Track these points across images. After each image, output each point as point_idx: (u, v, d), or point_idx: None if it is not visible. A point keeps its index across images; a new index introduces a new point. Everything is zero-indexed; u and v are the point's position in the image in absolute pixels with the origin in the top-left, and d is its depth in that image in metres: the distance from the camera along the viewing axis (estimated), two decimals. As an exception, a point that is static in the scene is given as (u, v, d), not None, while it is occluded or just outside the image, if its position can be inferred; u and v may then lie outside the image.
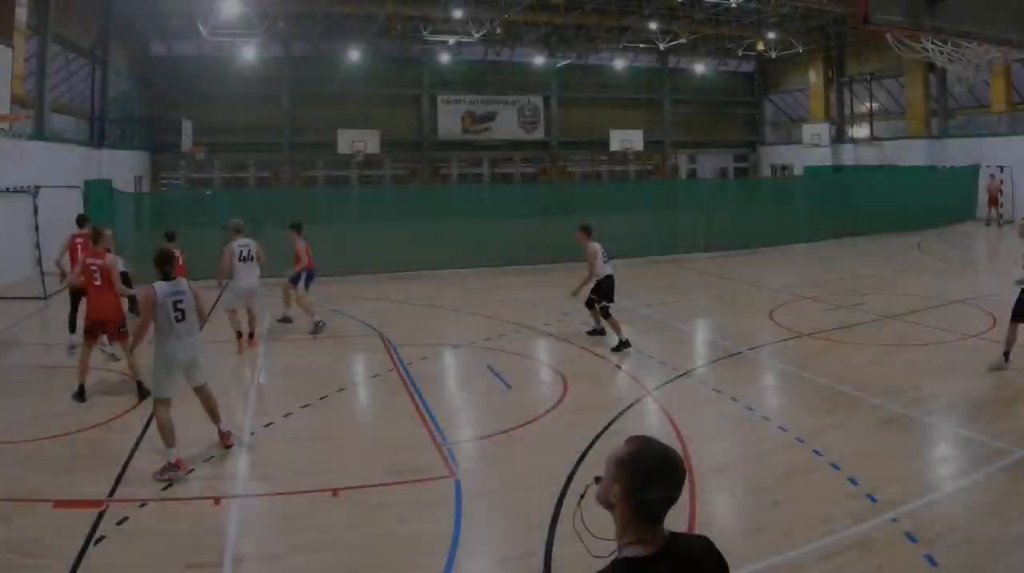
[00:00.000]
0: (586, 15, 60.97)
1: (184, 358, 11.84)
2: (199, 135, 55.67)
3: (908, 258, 33.28)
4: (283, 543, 9.46)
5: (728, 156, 79.96)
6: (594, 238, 20.50)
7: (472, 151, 71.85)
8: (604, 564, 4.32)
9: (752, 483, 10.94)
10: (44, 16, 37.01)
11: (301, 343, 19.90)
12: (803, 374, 16.23)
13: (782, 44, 65.57)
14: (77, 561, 8.92)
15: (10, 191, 27.52)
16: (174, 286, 11.86)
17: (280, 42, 64.30)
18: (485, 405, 15.01)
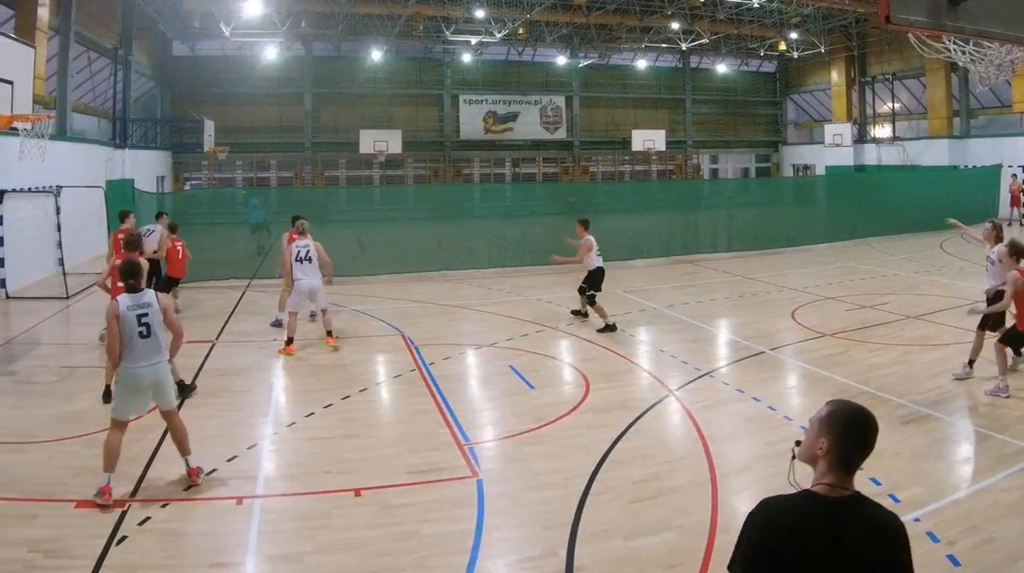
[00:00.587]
0: (608, 15, 61.04)
1: (149, 379, 11.01)
2: (221, 135, 55.89)
3: (930, 258, 33.14)
4: (305, 543, 9.47)
5: (750, 156, 79.97)
6: (591, 233, 22.41)
7: (494, 151, 72.01)
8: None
9: (774, 483, 10.83)
10: (66, 16, 37.14)
11: (323, 343, 19.88)
12: (825, 374, 16.19)
13: (804, 44, 65.36)
14: (99, 561, 8.94)
15: (32, 191, 27.62)
16: (138, 298, 11.02)
17: (302, 42, 64.56)
18: (507, 405, 14.98)
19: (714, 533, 9.45)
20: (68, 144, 35.34)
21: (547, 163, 73.52)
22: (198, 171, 65.26)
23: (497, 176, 72.61)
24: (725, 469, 11.33)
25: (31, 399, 15.09)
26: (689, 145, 76.75)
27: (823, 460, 4.76)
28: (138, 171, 45.99)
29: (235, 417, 13.93)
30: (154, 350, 11.02)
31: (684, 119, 76.72)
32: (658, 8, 59.71)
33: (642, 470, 11.36)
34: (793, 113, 79.85)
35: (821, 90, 73.49)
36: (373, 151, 64.23)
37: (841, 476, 4.69)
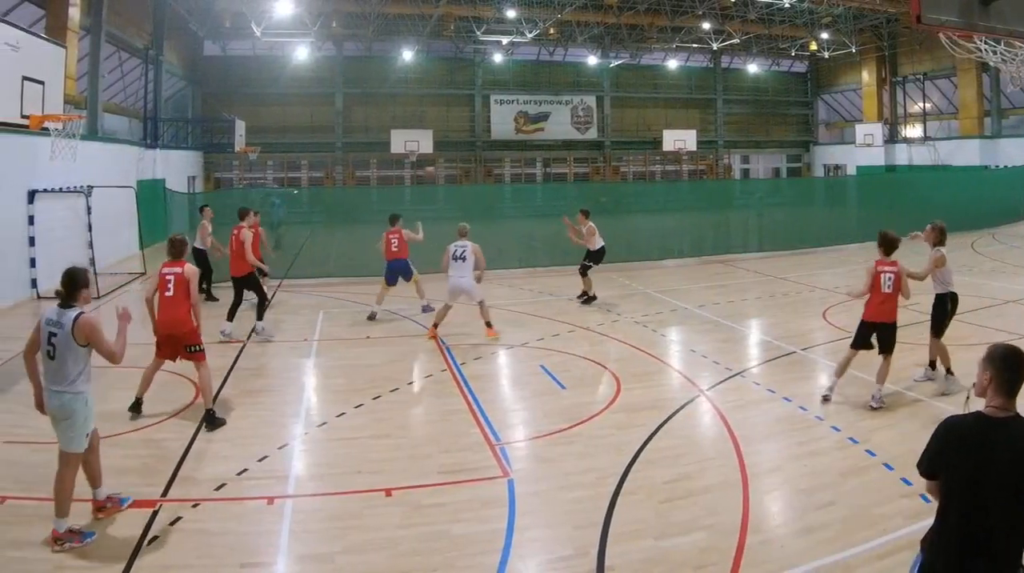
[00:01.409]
0: (639, 15, 61.15)
1: (49, 406, 9.86)
2: (252, 135, 56.03)
3: (962, 258, 32.90)
4: (336, 543, 9.49)
5: (781, 156, 79.86)
6: (591, 219, 24.95)
7: (525, 151, 72.15)
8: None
9: (805, 483, 10.90)
10: (97, 16, 37.30)
11: (355, 343, 19.95)
12: (856, 374, 16.05)
13: (835, 44, 65.14)
14: (131, 561, 9.00)
15: (63, 191, 27.72)
16: (58, 315, 9.81)
17: (333, 42, 64.91)
18: (538, 405, 14.97)
19: (745, 533, 9.44)
20: (99, 144, 35.48)
21: (578, 163, 73.62)
22: (229, 171, 65.55)
23: (528, 176, 72.69)
24: (756, 469, 11.32)
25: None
26: (720, 145, 76.72)
27: (989, 389, 5.98)
28: (169, 171, 46.20)
29: (266, 417, 13.97)
30: (54, 375, 9.80)
31: (715, 119, 76.67)
32: (689, 8, 59.75)
33: (673, 470, 11.35)
34: (824, 113, 79.65)
35: (852, 90, 73.36)
36: (404, 151, 64.30)
37: (1004, 400, 5.88)
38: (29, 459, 11.82)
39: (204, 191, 58.32)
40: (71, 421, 9.71)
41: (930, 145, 63.62)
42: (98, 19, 37.49)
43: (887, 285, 14.79)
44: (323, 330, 21.45)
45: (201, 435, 12.99)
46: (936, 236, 16.07)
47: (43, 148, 23.24)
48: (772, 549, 9.13)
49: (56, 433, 9.86)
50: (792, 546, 9.18)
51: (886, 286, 14.79)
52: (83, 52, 36.49)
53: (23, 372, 17.17)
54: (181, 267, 14.06)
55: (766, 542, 9.28)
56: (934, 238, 16.08)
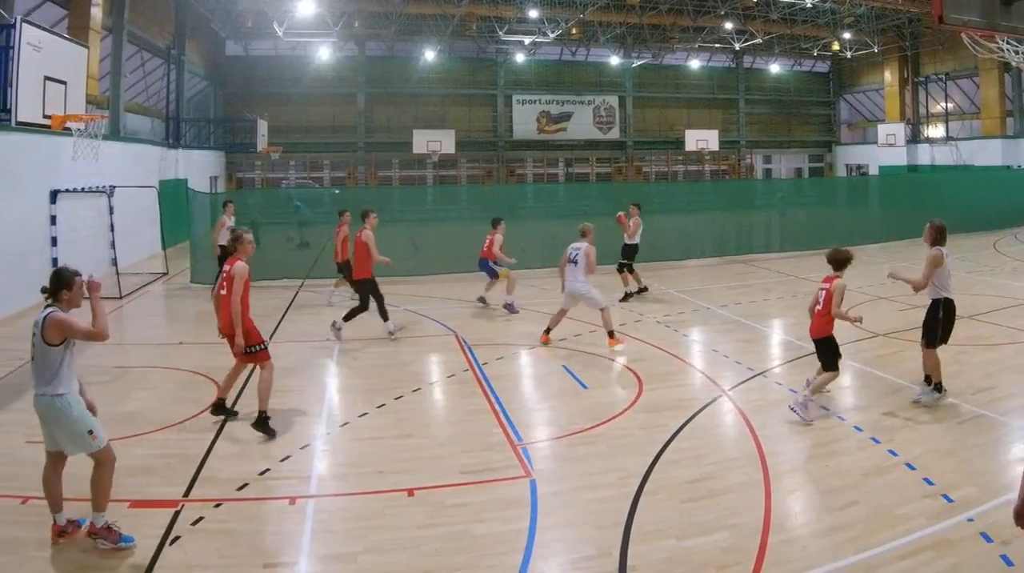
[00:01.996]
0: (661, 15, 61.09)
1: (36, 409, 9.58)
2: (274, 135, 56.25)
3: (984, 258, 32.81)
4: (358, 543, 9.50)
5: (803, 156, 79.76)
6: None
7: (547, 151, 72.26)
8: None
9: (827, 483, 10.89)
10: (119, 16, 37.47)
11: (377, 343, 19.98)
12: (878, 374, 16.11)
13: (857, 44, 65.01)
14: (153, 561, 9.03)
15: (86, 191, 27.79)
16: (40, 315, 9.58)
17: (355, 42, 65.09)
18: (560, 405, 14.97)
19: (767, 533, 9.42)
20: (121, 144, 35.59)
21: (600, 163, 73.65)
22: (251, 171, 65.81)
23: (550, 176, 72.79)
24: (778, 469, 11.30)
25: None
26: (742, 145, 76.64)
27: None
28: (191, 171, 46.34)
29: (288, 417, 13.97)
30: (33, 376, 9.57)
31: (737, 119, 76.61)
32: (711, 8, 59.73)
33: (695, 470, 11.34)
34: (846, 113, 79.50)
35: (874, 90, 73.16)
36: (426, 151, 64.40)
37: None
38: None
39: (227, 191, 58.48)
40: (60, 425, 9.46)
41: (952, 145, 63.45)
42: (120, 19, 37.64)
43: (821, 301, 14.33)
44: (346, 330, 21.46)
45: (223, 435, 13.01)
46: (934, 235, 15.08)
47: (65, 148, 23.31)
48: (794, 549, 9.12)
49: (58, 442, 9.59)
50: (814, 546, 9.17)
51: (821, 302, 14.32)
52: (105, 52, 36.62)
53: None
54: (231, 265, 13.49)
55: (788, 542, 9.28)
56: (932, 237, 15.07)
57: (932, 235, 15.10)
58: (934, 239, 15.01)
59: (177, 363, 17.77)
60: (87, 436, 9.48)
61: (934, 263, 14.55)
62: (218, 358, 14.52)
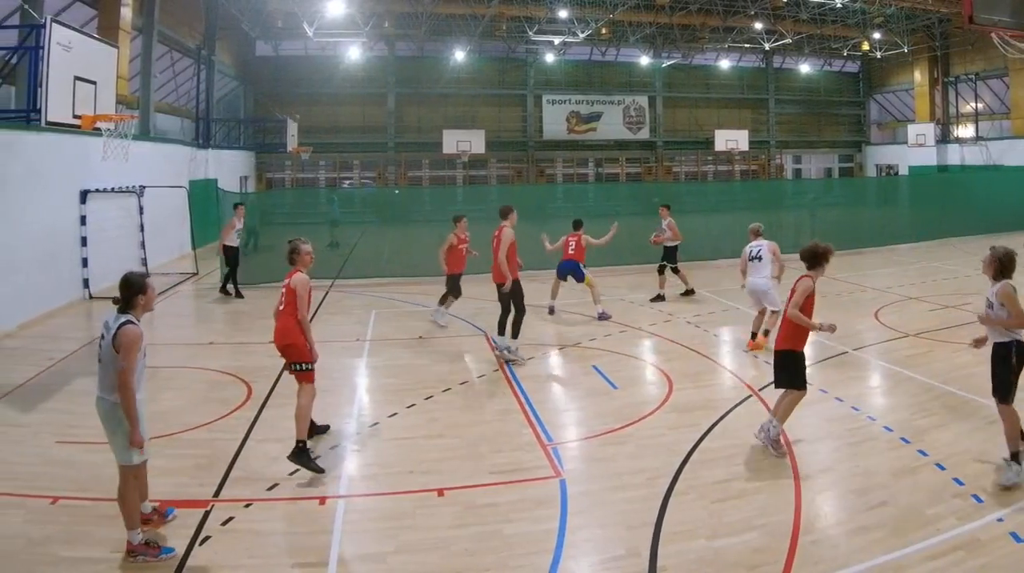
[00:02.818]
0: (691, 15, 61.03)
1: (96, 409, 9.54)
2: (304, 135, 56.37)
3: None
4: (388, 543, 9.52)
5: (833, 156, 79.50)
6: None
7: (577, 151, 72.23)
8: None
9: (857, 483, 10.87)
10: (149, 16, 37.58)
11: (407, 343, 20.01)
12: (909, 374, 16.04)
13: (887, 44, 64.73)
14: (183, 561, 9.07)
15: (116, 191, 27.88)
16: (111, 319, 9.69)
17: (385, 42, 65.28)
18: (590, 405, 14.96)
19: (797, 533, 9.42)
20: (151, 144, 35.69)
21: (630, 163, 73.61)
22: (281, 171, 66.01)
23: (580, 176, 72.72)
24: (808, 469, 11.27)
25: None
26: (772, 145, 76.42)
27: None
28: (221, 171, 46.51)
29: (318, 417, 13.96)
30: (99, 380, 9.53)
31: (767, 119, 76.38)
32: (741, 8, 59.56)
33: (725, 470, 11.32)
34: (876, 113, 79.16)
35: (904, 90, 72.82)
36: (456, 151, 64.48)
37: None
38: (83, 459, 11.93)
39: (256, 191, 58.68)
40: (115, 431, 9.38)
41: (982, 145, 63.12)
42: (150, 19, 37.76)
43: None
44: (375, 330, 21.52)
45: (253, 435, 13.04)
46: (997, 266, 12.91)
47: (95, 148, 23.39)
48: (824, 549, 9.10)
49: (109, 444, 9.55)
50: (844, 546, 9.15)
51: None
52: (135, 52, 36.75)
53: (77, 371, 17.38)
54: (289, 278, 12.47)
55: (818, 542, 9.26)
56: (995, 268, 12.06)
57: (996, 266, 11.66)
58: (999, 270, 11.62)
59: (207, 363, 17.81)
60: (135, 452, 9.40)
61: (1015, 301, 11.10)
62: (247, 358, 14.56)
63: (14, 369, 17.33)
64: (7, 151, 21.76)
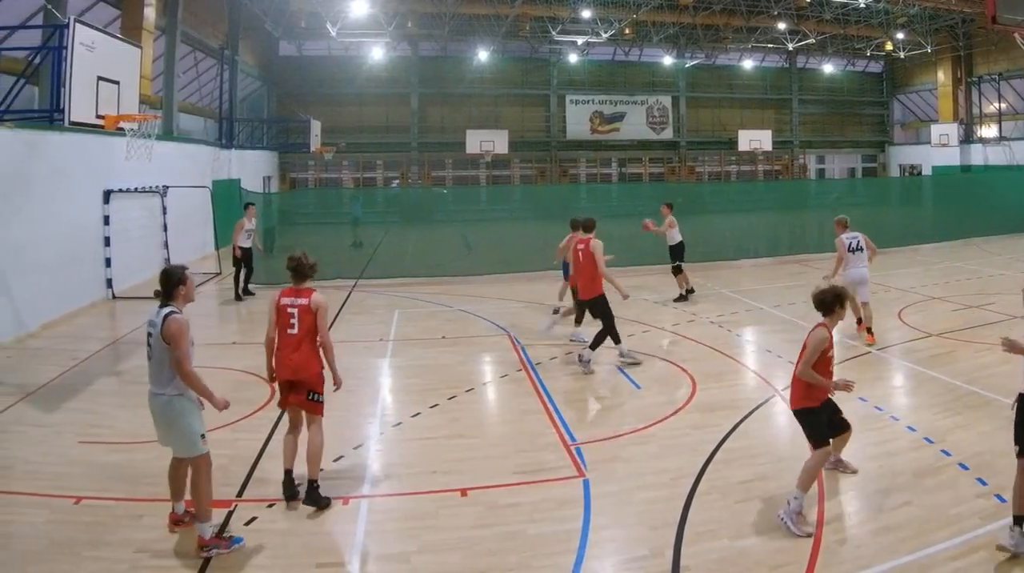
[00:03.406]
0: (714, 15, 60.97)
1: (151, 408, 9.70)
2: (327, 135, 56.34)
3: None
4: (411, 543, 9.54)
5: (857, 156, 79.34)
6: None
7: (600, 151, 72.31)
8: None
9: (881, 483, 10.88)
10: (172, 16, 37.71)
11: (430, 343, 20.04)
12: (932, 374, 16.00)
13: (910, 44, 64.56)
14: (206, 561, 9.09)
15: (139, 191, 27.95)
16: (155, 316, 9.55)
17: (408, 42, 65.44)
18: (614, 405, 15.02)
19: (820, 533, 9.44)
20: (174, 144, 35.78)
21: (653, 163, 73.58)
22: (304, 171, 66.28)
23: (603, 176, 72.81)
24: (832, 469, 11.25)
25: (138, 399, 15.17)
26: (796, 145, 76.27)
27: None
28: (244, 171, 46.56)
29: (341, 417, 13.98)
30: (151, 376, 9.62)
31: (791, 119, 76.21)
32: (764, 8, 59.49)
33: (748, 470, 11.31)
34: (900, 113, 78.95)
35: (928, 90, 72.59)
36: (479, 151, 64.54)
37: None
38: (105, 459, 12.02)
39: (280, 191, 58.82)
40: (173, 425, 9.51)
41: (1005, 145, 62.98)
42: (173, 19, 37.88)
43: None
44: (398, 330, 21.54)
45: (276, 436, 13.00)
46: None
47: (118, 148, 23.41)
48: (847, 549, 9.11)
49: (168, 441, 9.70)
50: (868, 546, 9.14)
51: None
52: (158, 52, 36.86)
53: (100, 371, 17.44)
54: (307, 297, 11.08)
55: (841, 542, 9.27)
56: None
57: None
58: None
59: (230, 363, 17.83)
60: (199, 440, 9.55)
61: None
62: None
63: (37, 369, 17.42)
64: (31, 151, 21.86)
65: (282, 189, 61.26)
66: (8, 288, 20.05)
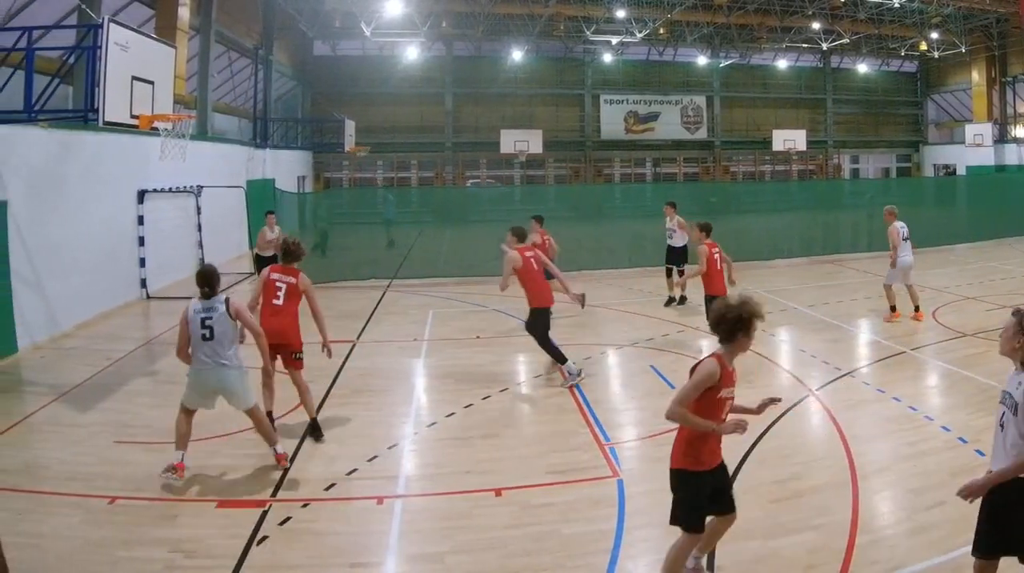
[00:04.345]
0: (749, 15, 60.80)
1: (211, 381, 11.43)
2: (361, 135, 56.44)
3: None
4: (445, 543, 9.55)
5: (891, 156, 79.02)
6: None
7: (635, 151, 72.31)
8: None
9: (915, 483, 10.83)
10: (207, 16, 37.93)
11: (464, 343, 20.08)
12: (966, 374, 15.93)
13: (945, 44, 64.25)
14: (240, 561, 9.12)
15: (173, 191, 28.08)
16: (207, 304, 11.26)
17: (443, 42, 65.56)
18: (648, 405, 14.92)
19: (855, 533, 9.40)
20: (209, 144, 35.87)
21: (687, 163, 73.57)
22: (338, 171, 66.58)
23: (638, 176, 72.75)
24: (866, 469, 11.22)
25: (172, 399, 15.21)
26: (830, 145, 75.97)
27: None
28: (279, 171, 46.73)
29: (375, 417, 14.07)
30: (215, 353, 11.31)
31: (825, 119, 75.91)
32: (799, 8, 59.24)
33: (782, 470, 11.29)
34: (934, 113, 78.54)
35: (962, 90, 72.15)
36: (514, 151, 64.58)
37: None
38: (140, 459, 12.12)
39: (314, 191, 58.95)
40: (239, 389, 11.62)
41: (1039, 145, 62.76)
42: (208, 19, 38.08)
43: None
44: (433, 330, 21.58)
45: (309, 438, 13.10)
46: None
47: (152, 148, 23.49)
48: (882, 549, 9.07)
49: (214, 403, 11.80)
50: (902, 546, 9.12)
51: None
52: (193, 52, 37.01)
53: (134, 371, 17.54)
54: (295, 277, 13.47)
55: (876, 542, 9.22)
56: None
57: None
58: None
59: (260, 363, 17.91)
60: (252, 395, 11.91)
61: None
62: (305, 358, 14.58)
63: (72, 369, 17.53)
64: (65, 151, 21.99)
65: (316, 189, 61.41)
66: (42, 288, 20.17)
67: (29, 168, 20.23)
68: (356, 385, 16.36)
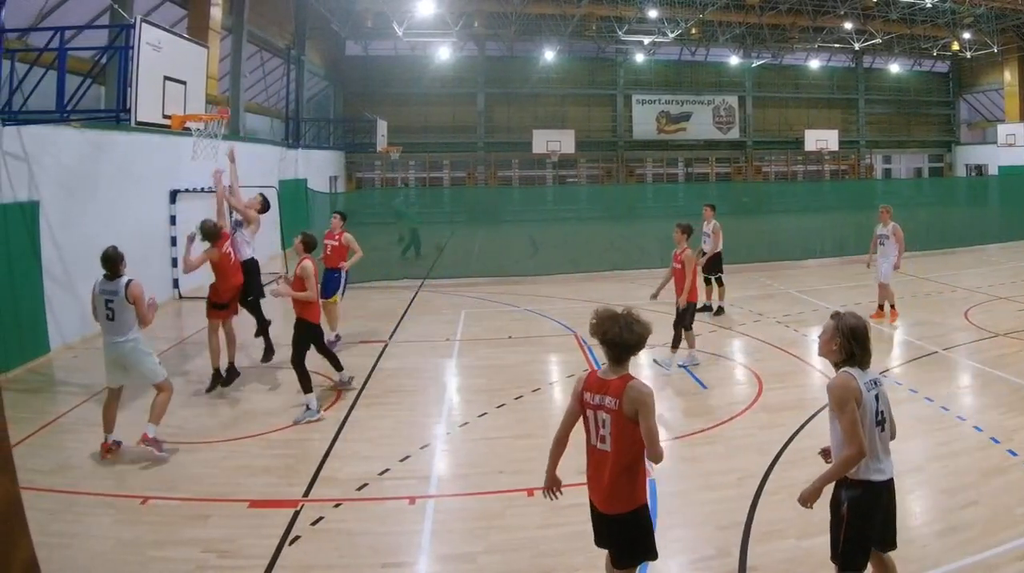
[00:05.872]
0: (781, 15, 60.56)
1: (111, 355, 12.53)
2: (393, 135, 56.36)
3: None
4: (477, 543, 9.58)
5: (923, 156, 78.55)
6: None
7: (667, 151, 72.07)
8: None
9: (947, 483, 10.79)
10: (239, 16, 38.02)
11: (496, 343, 20.08)
12: (998, 374, 15.84)
13: (977, 44, 63.82)
14: (272, 561, 9.15)
15: (205, 191, 28.16)
16: (110, 286, 12.54)
17: (475, 42, 65.49)
18: (680, 405, 14.96)
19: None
20: (241, 144, 35.90)
21: (720, 163, 73.33)
22: (371, 171, 66.67)
23: (670, 176, 72.59)
24: (897, 469, 11.02)
25: (204, 399, 15.38)
26: (862, 145, 75.63)
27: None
28: (311, 171, 46.78)
29: (408, 417, 14.11)
30: (115, 331, 12.40)
31: (857, 119, 75.57)
32: (831, 8, 59.06)
33: (815, 470, 11.11)
34: (966, 113, 78.09)
35: (994, 90, 71.71)
36: (546, 151, 64.54)
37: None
38: (172, 459, 12.18)
39: (346, 191, 59.07)
40: (141, 362, 12.56)
41: (1072, 145, 62.34)
42: (240, 19, 38.17)
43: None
44: (465, 330, 21.60)
45: (343, 435, 13.13)
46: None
47: (185, 148, 23.55)
48: (914, 549, 9.02)
49: (125, 378, 12.70)
50: (934, 545, 9.10)
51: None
52: (225, 52, 37.11)
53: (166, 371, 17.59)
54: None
55: (908, 541, 9.07)
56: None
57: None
58: None
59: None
60: (159, 368, 12.80)
61: None
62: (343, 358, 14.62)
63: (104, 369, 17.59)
64: (98, 151, 22.10)
65: (348, 189, 61.50)
66: (75, 288, 20.24)
67: (61, 168, 20.33)
68: (388, 385, 16.37)
